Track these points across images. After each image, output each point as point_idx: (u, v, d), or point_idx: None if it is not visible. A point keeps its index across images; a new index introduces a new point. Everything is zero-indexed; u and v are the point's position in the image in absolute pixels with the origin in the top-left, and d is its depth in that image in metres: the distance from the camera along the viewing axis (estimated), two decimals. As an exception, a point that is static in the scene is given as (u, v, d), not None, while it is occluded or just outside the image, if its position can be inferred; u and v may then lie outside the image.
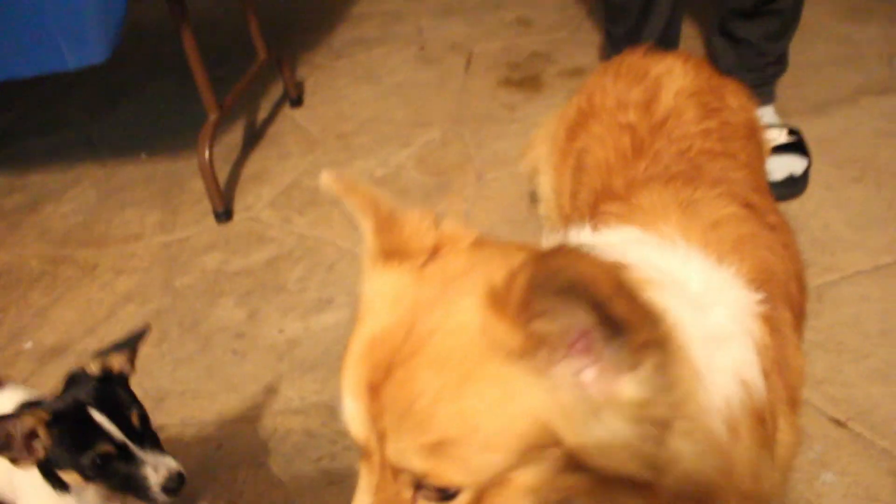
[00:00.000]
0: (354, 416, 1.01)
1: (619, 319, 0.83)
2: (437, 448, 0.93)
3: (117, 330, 3.01)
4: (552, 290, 0.84)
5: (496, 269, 0.94)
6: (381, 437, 0.99)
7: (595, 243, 1.33)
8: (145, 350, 2.87)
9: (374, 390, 0.98)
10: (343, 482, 2.24)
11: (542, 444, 0.93)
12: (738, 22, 3.09)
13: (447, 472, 0.94)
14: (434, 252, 1.10)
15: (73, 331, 3.07)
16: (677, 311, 0.97)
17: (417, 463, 0.95)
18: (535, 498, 0.97)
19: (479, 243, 1.12)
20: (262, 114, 4.27)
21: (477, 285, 0.94)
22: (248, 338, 2.83)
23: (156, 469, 1.70)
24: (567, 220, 2.01)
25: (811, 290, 2.49)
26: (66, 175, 4.13)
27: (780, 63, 3.19)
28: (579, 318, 0.86)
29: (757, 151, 1.95)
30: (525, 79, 4.11)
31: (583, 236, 1.42)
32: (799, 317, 1.53)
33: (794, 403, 1.34)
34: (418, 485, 0.98)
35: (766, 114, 3.14)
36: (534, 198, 3.02)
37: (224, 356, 2.78)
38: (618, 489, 0.97)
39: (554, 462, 0.94)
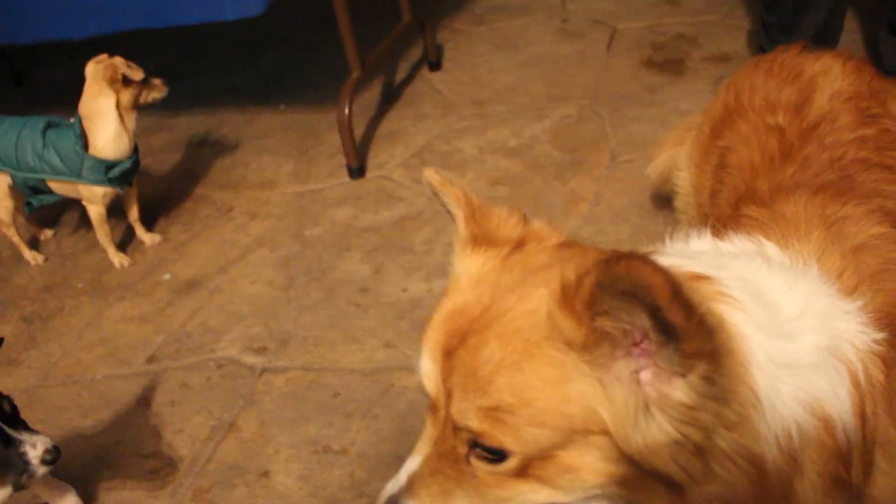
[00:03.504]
0: (428, 373, 1.14)
1: (673, 326, 0.91)
2: (493, 412, 1.03)
3: (248, 272, 3.15)
4: (615, 292, 0.92)
5: (573, 268, 1.01)
6: (448, 396, 1.10)
7: (706, 250, 1.36)
8: (273, 293, 3.00)
9: (448, 354, 1.10)
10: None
11: (589, 430, 1.02)
12: (911, 18, 2.90)
13: (499, 436, 1.04)
14: (519, 244, 1.22)
15: (207, 267, 3.22)
16: (746, 331, 1.05)
17: (475, 423, 1.05)
18: (575, 478, 1.05)
19: (566, 244, 1.22)
20: (401, 74, 4.32)
21: (553, 279, 1.03)
22: (371, 293, 2.91)
23: (34, 446, 1.94)
24: (705, 217, 1.97)
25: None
26: (209, 119, 4.31)
27: (954, 66, 2.98)
28: (638, 321, 0.94)
29: None
30: (668, 61, 4.01)
31: (703, 242, 1.41)
32: None
33: None
34: (473, 443, 1.08)
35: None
36: (657, 200, 2.96)
37: (347, 308, 2.86)
38: (653, 488, 1.04)
39: (598, 449, 1.03)
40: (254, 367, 2.70)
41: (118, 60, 3.06)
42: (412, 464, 1.17)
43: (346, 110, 3.46)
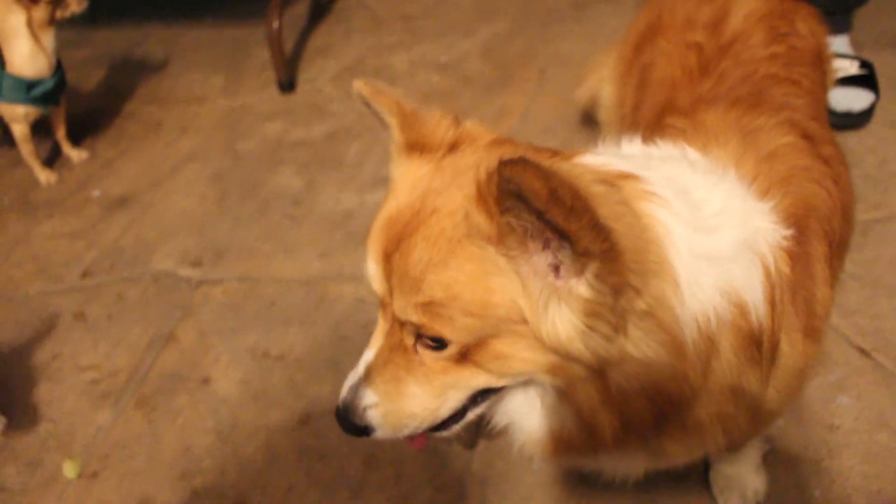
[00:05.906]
0: (373, 275, 1.23)
1: (558, 229, 0.98)
2: (428, 307, 1.12)
3: (180, 186, 3.15)
4: (510, 193, 0.98)
5: (487, 166, 1.06)
6: (391, 294, 1.20)
7: (636, 153, 1.46)
8: (206, 207, 3.02)
9: (388, 256, 1.18)
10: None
11: (512, 319, 1.11)
12: (826, -59, 2.98)
13: (436, 327, 1.14)
14: (453, 147, 1.27)
15: (138, 183, 3.20)
16: (670, 225, 1.15)
17: (414, 317, 1.15)
18: (506, 364, 1.16)
19: (497, 142, 1.28)
20: (330, -12, 4.27)
21: (476, 177, 1.08)
22: (305, 205, 2.95)
23: None
24: (628, 129, 2.06)
25: (857, 223, 2.54)
26: (133, 33, 4.20)
27: (865, -9, 3.09)
28: (533, 221, 1.01)
29: (821, 79, 1.95)
30: (596, -22, 4.05)
31: (633, 146, 1.51)
32: (840, 249, 1.60)
33: (810, 333, 1.41)
34: (418, 334, 1.19)
35: (840, 43, 3.07)
36: (584, 116, 3.04)
37: (281, 220, 2.91)
38: (578, 376, 1.15)
39: (524, 338, 1.12)
40: (190, 280, 2.74)
41: None
42: (368, 355, 1.27)
43: (275, 24, 3.42)
